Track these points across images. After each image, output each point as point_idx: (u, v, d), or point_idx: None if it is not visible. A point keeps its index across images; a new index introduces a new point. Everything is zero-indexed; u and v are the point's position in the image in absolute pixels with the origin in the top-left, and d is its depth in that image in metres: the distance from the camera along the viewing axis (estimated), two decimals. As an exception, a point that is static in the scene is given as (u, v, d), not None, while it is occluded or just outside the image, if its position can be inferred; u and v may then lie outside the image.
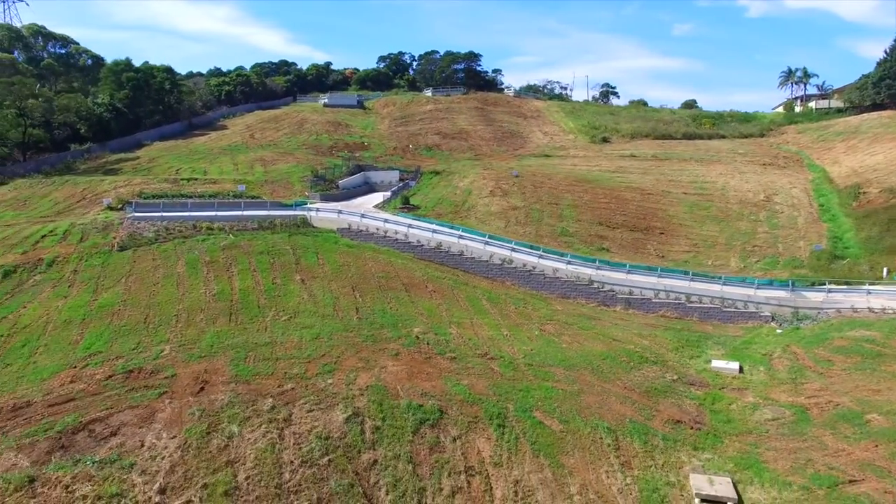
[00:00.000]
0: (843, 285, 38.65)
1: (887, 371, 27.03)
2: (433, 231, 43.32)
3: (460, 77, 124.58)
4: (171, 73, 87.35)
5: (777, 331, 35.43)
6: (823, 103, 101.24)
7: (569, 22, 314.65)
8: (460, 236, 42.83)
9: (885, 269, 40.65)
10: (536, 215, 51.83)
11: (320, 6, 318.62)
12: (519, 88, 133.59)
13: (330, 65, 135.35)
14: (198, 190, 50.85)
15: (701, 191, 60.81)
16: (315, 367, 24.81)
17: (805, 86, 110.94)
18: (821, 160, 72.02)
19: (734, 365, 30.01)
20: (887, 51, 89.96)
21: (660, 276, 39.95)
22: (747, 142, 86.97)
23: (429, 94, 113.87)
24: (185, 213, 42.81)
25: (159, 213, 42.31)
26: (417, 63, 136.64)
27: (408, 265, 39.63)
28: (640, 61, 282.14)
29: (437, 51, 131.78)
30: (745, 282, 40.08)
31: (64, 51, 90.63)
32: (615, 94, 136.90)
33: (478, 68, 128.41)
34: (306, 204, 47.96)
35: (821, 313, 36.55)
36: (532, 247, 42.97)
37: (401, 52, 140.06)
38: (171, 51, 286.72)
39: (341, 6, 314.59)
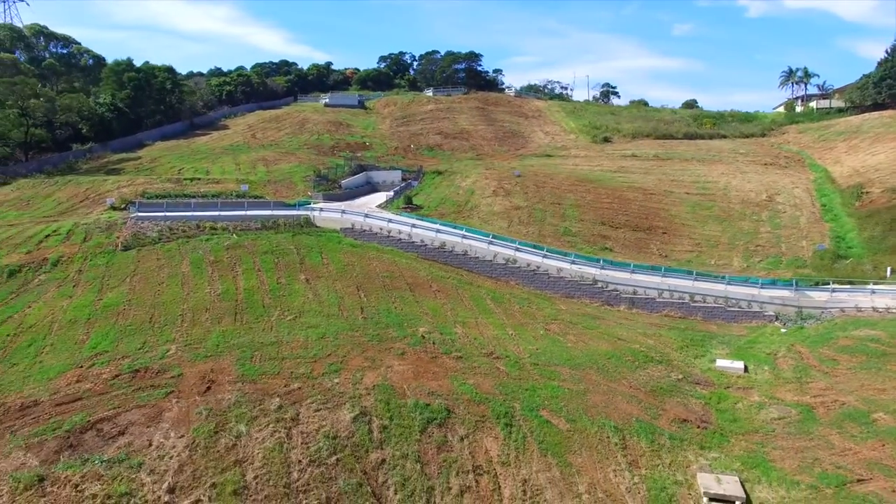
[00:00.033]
0: (846, 285, 38.66)
1: (893, 370, 27.04)
2: (437, 231, 43.32)
3: (461, 77, 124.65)
4: (172, 73, 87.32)
5: (781, 330, 35.46)
6: (824, 103, 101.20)
7: (568, 22, 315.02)
8: (464, 236, 42.82)
9: (889, 269, 40.66)
10: (539, 215, 51.85)
11: (320, 6, 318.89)
12: (520, 88, 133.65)
13: (330, 65, 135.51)
14: (200, 190, 50.79)
15: (703, 191, 60.83)
16: (321, 366, 24.84)
17: (806, 86, 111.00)
18: (822, 160, 72.04)
19: (739, 364, 30.03)
20: (888, 50, 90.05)
21: (664, 275, 39.97)
22: (748, 142, 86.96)
23: (430, 94, 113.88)
24: (189, 213, 42.76)
25: (163, 213, 42.26)
26: (418, 63, 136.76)
27: (412, 265, 39.64)
28: (640, 61, 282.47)
29: (437, 51, 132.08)
30: (748, 281, 40.09)
31: (65, 51, 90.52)
32: (616, 94, 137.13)
33: (478, 68, 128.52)
34: (309, 204, 47.94)
35: (825, 313, 36.57)
36: (536, 246, 42.98)
37: (401, 52, 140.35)
38: (171, 51, 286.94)
39: (341, 6, 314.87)
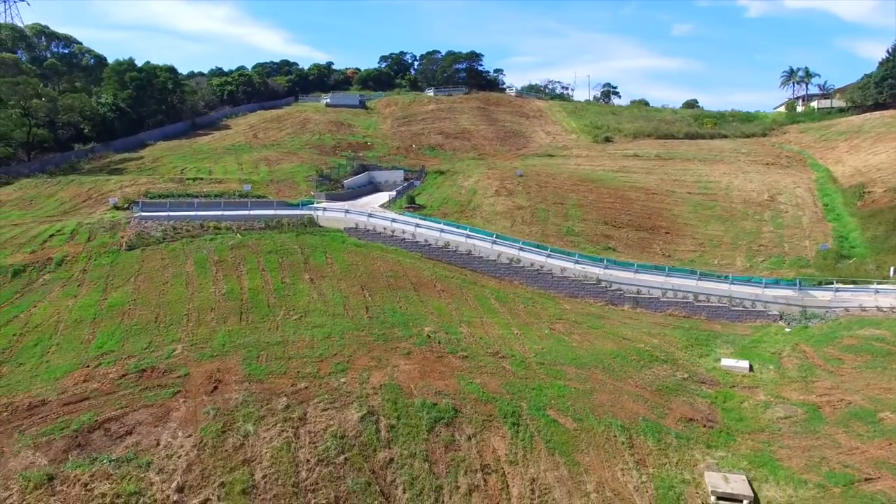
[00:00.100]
0: (850, 284, 38.71)
1: (898, 369, 27.07)
2: (441, 230, 43.35)
3: (462, 77, 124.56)
4: (173, 73, 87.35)
5: (786, 329, 35.49)
6: (825, 103, 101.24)
7: (567, 22, 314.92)
8: (468, 235, 42.85)
9: (892, 269, 40.67)
10: (542, 215, 51.87)
11: (319, 6, 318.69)
12: (521, 88, 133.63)
13: (331, 65, 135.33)
14: (203, 189, 50.83)
15: (705, 190, 60.87)
16: (328, 365, 24.84)
17: (807, 85, 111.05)
18: (824, 160, 72.09)
19: (744, 363, 30.07)
20: (889, 50, 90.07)
21: (667, 275, 40.01)
22: (750, 141, 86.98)
23: (430, 93, 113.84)
24: (192, 213, 42.80)
25: (166, 213, 42.29)
26: (419, 63, 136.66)
27: (416, 264, 39.66)
28: (639, 61, 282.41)
29: (438, 51, 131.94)
30: (752, 281, 40.14)
31: (67, 50, 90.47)
32: (616, 93, 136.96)
33: (479, 68, 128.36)
34: (312, 203, 47.96)
35: (829, 312, 36.61)
36: (539, 246, 43.01)
37: (402, 52, 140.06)
38: (170, 51, 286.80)
39: (341, 6, 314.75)
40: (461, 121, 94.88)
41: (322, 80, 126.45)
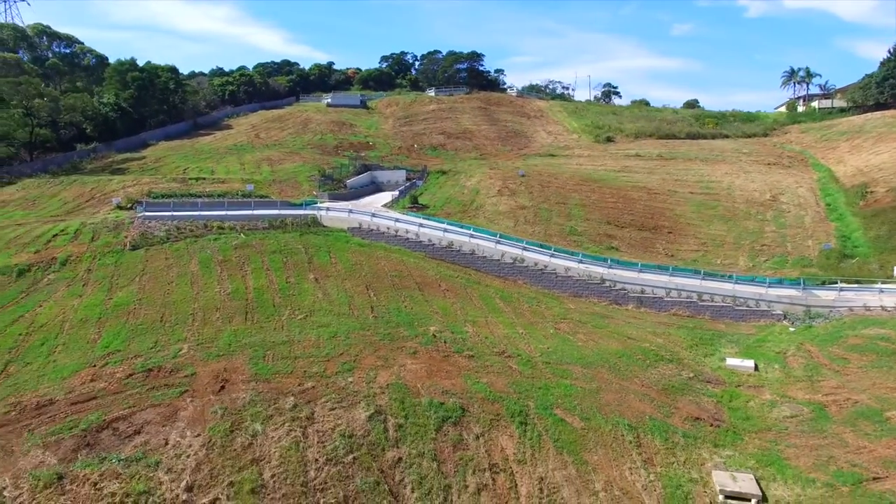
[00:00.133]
0: (854, 284, 38.70)
1: (904, 369, 27.09)
2: (444, 230, 43.35)
3: (463, 77, 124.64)
4: (175, 73, 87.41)
5: (790, 329, 35.51)
6: (826, 103, 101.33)
7: (567, 22, 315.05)
8: (471, 235, 42.86)
9: (896, 268, 40.74)
10: (545, 214, 51.88)
11: (319, 6, 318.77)
12: (521, 88, 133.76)
13: (332, 65, 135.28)
14: (206, 189, 50.82)
15: (707, 190, 60.89)
16: (334, 365, 24.84)
17: (808, 85, 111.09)
18: (825, 159, 72.12)
19: (749, 363, 30.08)
20: (891, 50, 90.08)
21: (671, 274, 40.02)
22: (751, 141, 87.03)
23: (431, 93, 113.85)
24: (196, 213, 42.80)
25: (169, 213, 42.29)
26: (420, 63, 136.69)
27: (420, 264, 39.67)
28: (639, 61, 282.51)
29: (439, 51, 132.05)
30: (755, 280, 40.12)
31: (68, 50, 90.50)
32: (617, 93, 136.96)
33: (480, 68, 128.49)
34: (316, 203, 47.97)
35: (833, 312, 36.62)
36: (543, 246, 43.02)
37: (403, 52, 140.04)
38: (170, 51, 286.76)
39: (340, 6, 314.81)
40: (462, 121, 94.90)
41: (323, 80, 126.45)
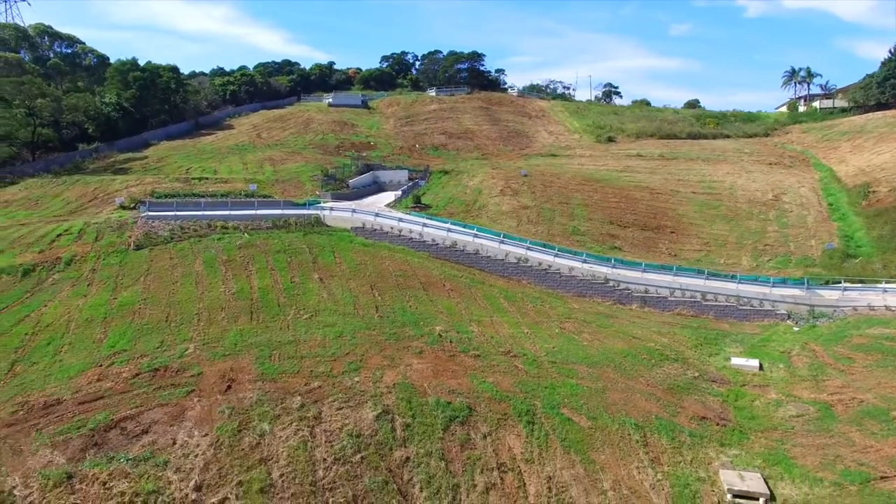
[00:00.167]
0: (857, 284, 38.74)
1: (909, 368, 27.11)
2: (448, 230, 43.37)
3: (463, 77, 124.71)
4: (176, 73, 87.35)
5: (794, 329, 35.54)
6: (827, 103, 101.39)
7: (566, 22, 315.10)
8: (475, 235, 42.87)
9: (899, 268, 40.75)
10: (548, 214, 51.90)
11: (318, 6, 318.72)
12: (522, 88, 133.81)
13: (333, 65, 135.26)
14: (209, 189, 50.78)
15: (709, 190, 60.91)
16: (340, 365, 24.84)
17: (809, 85, 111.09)
18: (827, 159, 72.14)
19: (754, 362, 30.11)
20: (892, 50, 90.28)
21: (675, 274, 40.04)
22: (752, 141, 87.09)
23: (432, 93, 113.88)
24: (199, 213, 42.80)
25: (173, 213, 42.28)
26: (420, 63, 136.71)
27: (424, 264, 39.68)
28: (638, 61, 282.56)
29: (440, 50, 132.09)
30: (759, 280, 40.15)
31: (70, 50, 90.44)
32: (618, 93, 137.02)
33: (481, 68, 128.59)
34: (319, 203, 47.98)
35: (837, 311, 36.65)
36: (547, 246, 43.04)
37: (404, 52, 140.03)
38: (170, 51, 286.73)
39: (339, 6, 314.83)
40: (464, 121, 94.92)
41: (324, 79, 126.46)
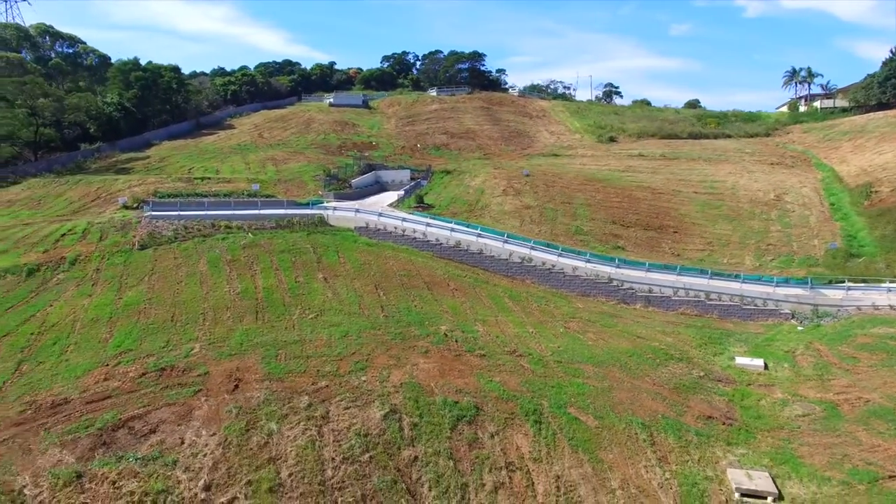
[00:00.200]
0: (861, 283, 38.77)
1: (914, 368, 27.14)
2: (451, 230, 43.36)
3: (464, 77, 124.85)
4: (177, 73, 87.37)
5: (798, 328, 35.56)
6: (828, 103, 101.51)
7: (566, 22, 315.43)
8: (479, 235, 42.88)
9: (902, 267, 40.79)
10: (550, 214, 51.92)
11: (318, 6, 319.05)
12: (523, 88, 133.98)
13: (334, 65, 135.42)
14: (212, 189, 50.79)
15: (711, 190, 60.96)
16: (347, 364, 24.85)
17: (809, 85, 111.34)
18: (828, 159, 72.19)
19: (759, 362, 30.13)
20: (892, 50, 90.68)
21: (679, 274, 40.05)
22: (753, 141, 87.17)
23: (433, 93, 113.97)
24: (203, 212, 42.80)
25: (176, 212, 42.28)
26: (421, 63, 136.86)
27: (428, 263, 39.69)
28: (638, 61, 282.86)
29: (440, 50, 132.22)
30: (762, 280, 40.17)
31: (71, 50, 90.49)
32: (618, 93, 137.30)
33: (482, 68, 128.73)
34: (322, 203, 47.99)
35: (841, 311, 36.66)
36: (550, 245, 43.06)
37: (404, 52, 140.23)
38: (170, 51, 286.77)
39: (339, 6, 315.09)
40: (465, 120, 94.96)
41: (325, 79, 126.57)
